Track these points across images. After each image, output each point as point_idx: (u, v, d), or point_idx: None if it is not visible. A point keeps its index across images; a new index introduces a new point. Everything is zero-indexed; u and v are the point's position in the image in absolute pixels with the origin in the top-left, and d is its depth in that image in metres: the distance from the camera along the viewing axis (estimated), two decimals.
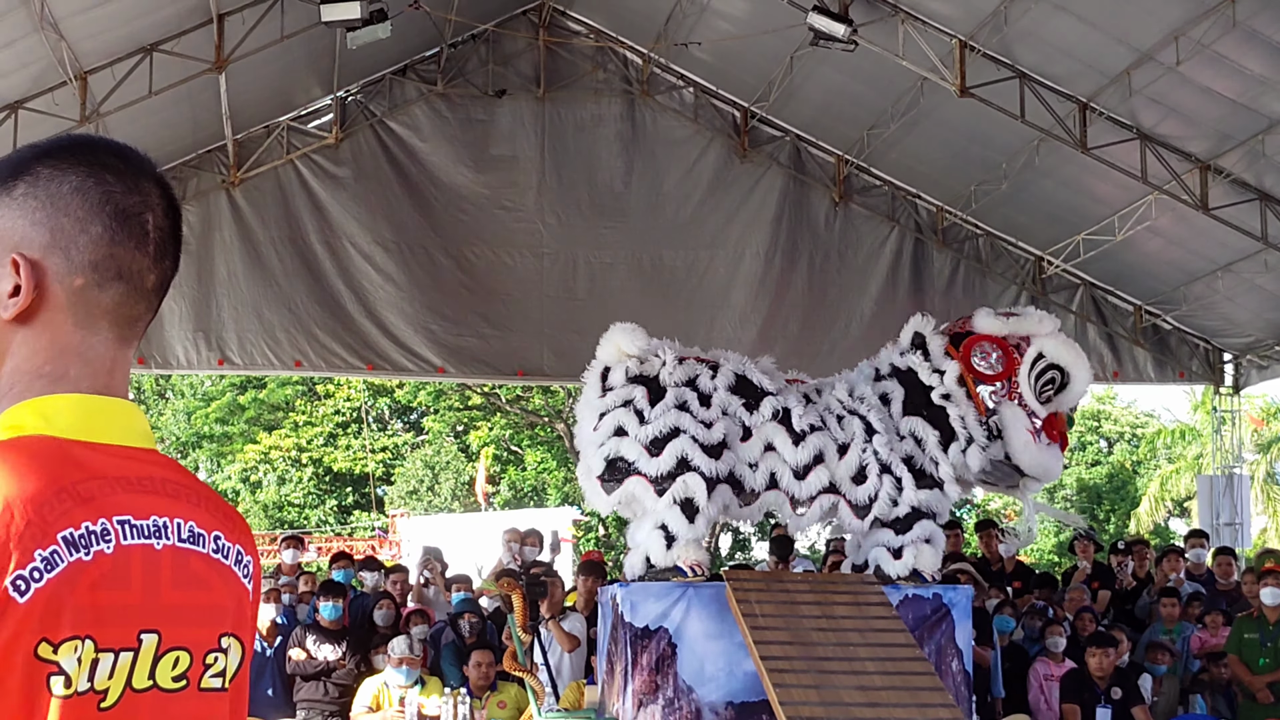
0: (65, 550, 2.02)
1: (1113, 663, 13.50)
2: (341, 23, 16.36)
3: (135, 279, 2.22)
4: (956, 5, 16.72)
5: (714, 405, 10.93)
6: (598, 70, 20.52)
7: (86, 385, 2.17)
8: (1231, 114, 16.51)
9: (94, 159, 2.21)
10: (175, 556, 2.16)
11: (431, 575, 16.57)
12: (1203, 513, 22.63)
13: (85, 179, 2.19)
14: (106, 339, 2.21)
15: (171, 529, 2.16)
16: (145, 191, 2.24)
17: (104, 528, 2.07)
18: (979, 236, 21.13)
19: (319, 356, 19.72)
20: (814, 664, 9.74)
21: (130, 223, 2.21)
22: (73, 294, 2.17)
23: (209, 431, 44.82)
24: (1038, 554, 40.55)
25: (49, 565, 2.00)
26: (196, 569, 2.19)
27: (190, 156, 19.34)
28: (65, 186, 2.18)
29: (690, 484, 10.62)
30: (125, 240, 2.20)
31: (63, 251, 2.17)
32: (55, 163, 2.20)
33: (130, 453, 2.18)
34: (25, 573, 1.98)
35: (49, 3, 14.45)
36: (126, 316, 2.23)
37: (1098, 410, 46.58)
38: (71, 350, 2.18)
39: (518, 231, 20.14)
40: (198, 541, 2.20)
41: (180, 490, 2.21)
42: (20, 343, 2.17)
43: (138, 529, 2.11)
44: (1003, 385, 11.67)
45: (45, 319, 2.17)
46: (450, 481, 43.38)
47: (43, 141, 2.26)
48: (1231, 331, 21.33)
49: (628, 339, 10.98)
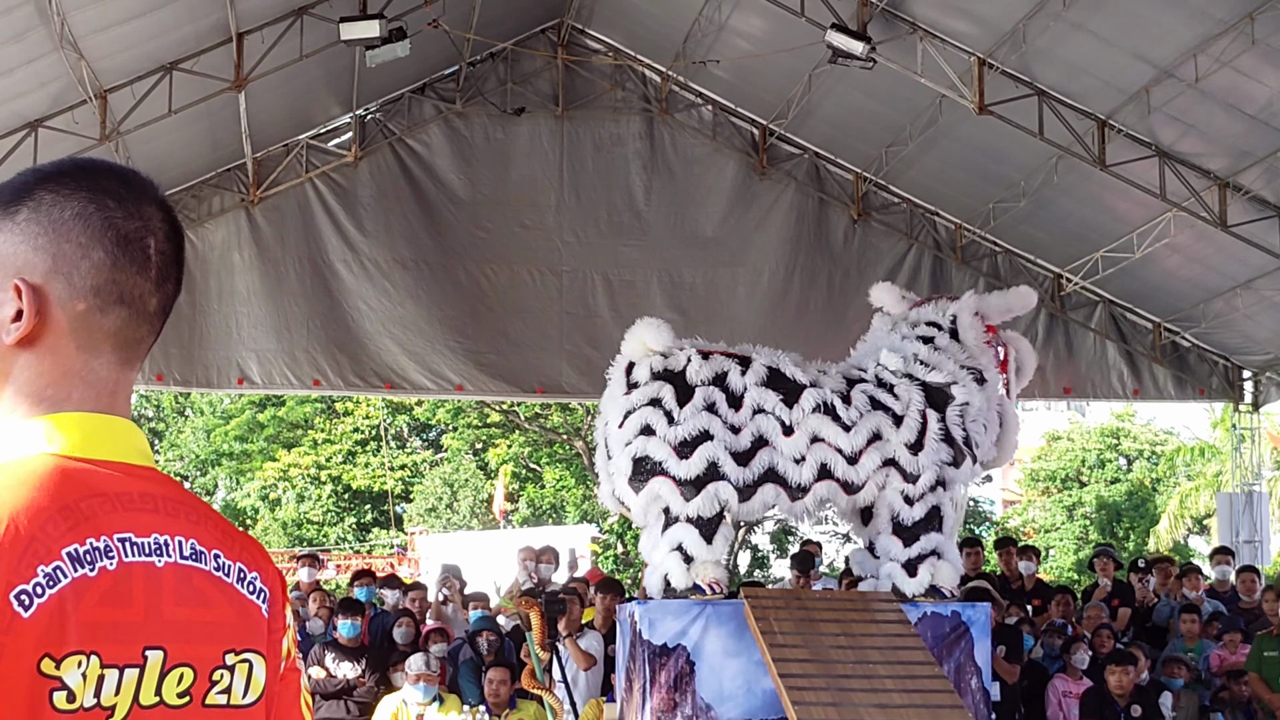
0: (69, 566, 2.03)
1: (1132, 680, 13.46)
2: (361, 41, 16.41)
3: (137, 303, 2.23)
4: (975, 23, 16.72)
5: (745, 405, 10.85)
6: (616, 89, 20.56)
7: (89, 406, 2.19)
8: (1250, 131, 16.48)
9: (95, 184, 2.22)
10: (177, 574, 2.16)
11: (450, 593, 16.56)
12: (1222, 530, 22.58)
13: (87, 205, 2.20)
14: (109, 362, 2.22)
15: (173, 546, 2.17)
16: (147, 216, 2.25)
17: (106, 545, 2.08)
18: (998, 254, 21.11)
19: (338, 375, 19.75)
20: (833, 682, 9.72)
21: (132, 247, 2.22)
22: (75, 319, 2.18)
23: (228, 449, 44.91)
24: (1057, 571, 40.47)
25: (52, 581, 2.01)
26: (199, 586, 2.19)
27: (210, 175, 19.40)
28: (67, 212, 2.19)
29: (721, 493, 10.57)
30: (127, 265, 2.21)
31: (65, 277, 2.18)
32: (57, 188, 2.21)
33: (131, 470, 2.19)
34: (29, 587, 1.98)
35: (69, 21, 14.50)
36: (129, 340, 2.24)
37: (1117, 428, 46.46)
38: (74, 373, 2.19)
39: (537, 249, 20.16)
40: (199, 559, 2.20)
41: (180, 508, 2.22)
42: (22, 366, 2.18)
43: (139, 546, 2.12)
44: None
45: (48, 344, 2.18)
46: (469, 499, 43.39)
47: (44, 165, 2.27)
48: (1251, 349, 21.29)
49: (653, 334, 10.88)
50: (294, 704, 2.39)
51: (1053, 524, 44.92)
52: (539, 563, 16.24)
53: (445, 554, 27.85)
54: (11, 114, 15.93)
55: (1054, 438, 48.11)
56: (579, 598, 14.43)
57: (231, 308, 19.33)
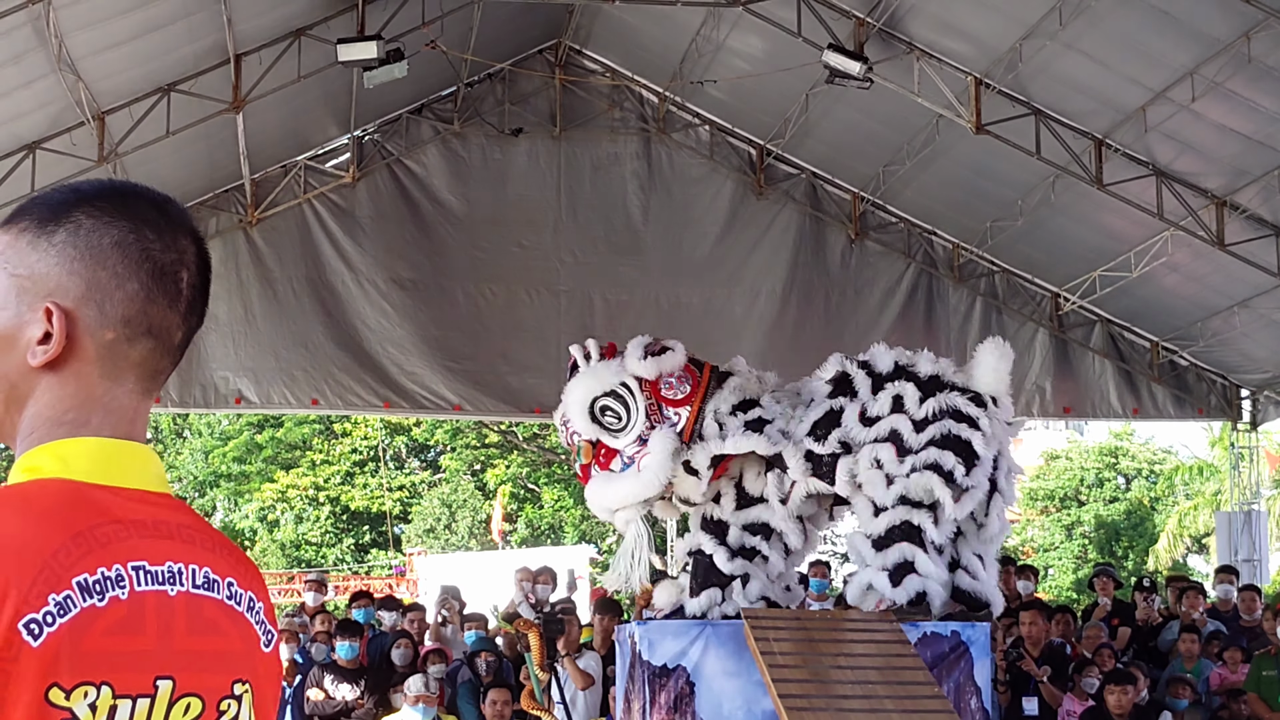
0: (79, 595, 2.01)
1: (1131, 700, 13.42)
2: (358, 63, 16.43)
3: (164, 335, 2.22)
4: (971, 43, 16.75)
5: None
6: (614, 109, 20.58)
7: (108, 432, 2.17)
8: (1247, 150, 16.51)
9: (135, 212, 2.20)
10: (189, 603, 2.15)
11: (449, 614, 16.54)
12: (1221, 549, 22.57)
13: (127, 234, 2.18)
14: (131, 391, 2.20)
15: (186, 575, 2.15)
16: (182, 249, 2.24)
17: (119, 573, 2.06)
18: (995, 273, 21.12)
19: (335, 395, 19.74)
20: (832, 702, 9.70)
21: (165, 280, 2.20)
22: (102, 347, 2.16)
23: (226, 470, 44.88)
24: (1055, 590, 40.44)
25: (62, 610, 1.99)
26: (211, 615, 2.18)
27: (208, 196, 19.40)
28: (106, 240, 2.17)
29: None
30: (160, 298, 2.20)
31: (97, 305, 2.16)
32: (98, 213, 2.18)
33: (146, 497, 2.17)
34: (39, 616, 1.96)
35: (67, 43, 14.52)
36: (152, 370, 2.22)
37: (1115, 447, 46.45)
38: (96, 400, 2.17)
39: (534, 269, 20.16)
40: (212, 588, 2.19)
41: (195, 536, 2.20)
42: (44, 389, 2.16)
43: (152, 575, 2.10)
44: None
45: (73, 369, 2.16)
46: (467, 519, 43.37)
47: (83, 185, 2.24)
48: (1249, 367, 21.29)
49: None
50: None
51: (1051, 543, 44.90)
52: (536, 583, 16.20)
53: (444, 575, 27.81)
54: (10, 135, 15.94)
55: (1052, 457, 48.08)
56: (575, 617, 14.43)
57: (229, 328, 19.32)
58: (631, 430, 10.98)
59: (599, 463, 11.13)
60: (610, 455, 11.09)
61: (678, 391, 11.11)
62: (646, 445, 10.90)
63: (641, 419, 10.97)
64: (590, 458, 11.14)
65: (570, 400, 11.19)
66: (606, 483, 11.12)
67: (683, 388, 11.13)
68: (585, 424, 11.07)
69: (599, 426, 11.05)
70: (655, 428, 10.93)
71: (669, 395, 11.07)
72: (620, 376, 11.07)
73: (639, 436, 10.95)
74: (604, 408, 11.02)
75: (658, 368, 11.16)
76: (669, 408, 11.03)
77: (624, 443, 11.01)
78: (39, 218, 2.19)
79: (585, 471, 11.31)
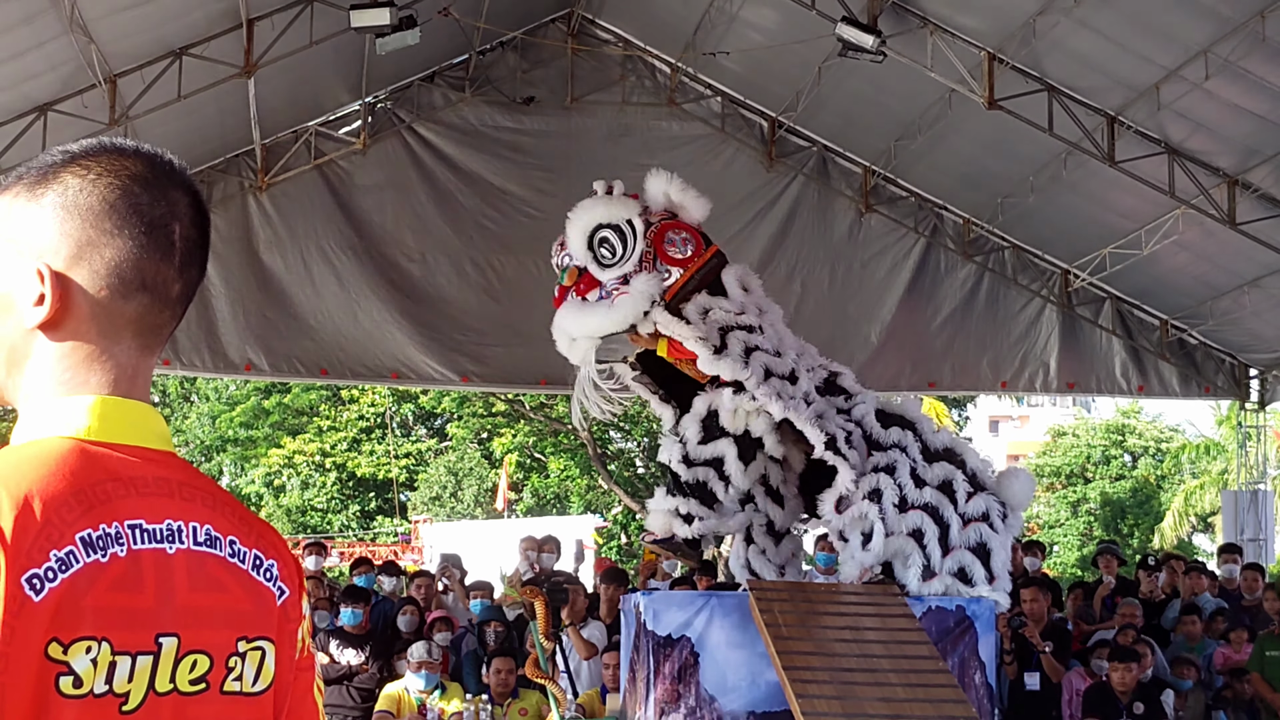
0: (82, 551, 2.03)
1: (1135, 677, 13.43)
2: (371, 29, 16.38)
3: (160, 289, 2.23)
4: (985, 18, 16.71)
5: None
6: (626, 79, 20.51)
7: (108, 390, 2.19)
8: (1260, 129, 16.47)
9: (122, 168, 2.22)
10: (190, 560, 2.16)
11: (450, 582, 16.57)
12: (1227, 528, 22.58)
13: (113, 190, 2.20)
14: (129, 348, 2.22)
15: (186, 533, 2.17)
16: (173, 201, 2.24)
17: (118, 531, 2.08)
18: (1005, 249, 21.08)
19: (343, 364, 19.74)
20: (837, 674, 9.73)
21: (156, 234, 2.21)
22: (96, 305, 2.18)
23: (233, 435, 44.95)
24: (1061, 567, 40.50)
25: (64, 565, 2.01)
26: (213, 572, 2.19)
27: (218, 160, 19.37)
28: (93, 198, 2.19)
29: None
30: (151, 252, 2.21)
31: (88, 263, 2.18)
32: (84, 172, 2.21)
33: (147, 454, 2.19)
34: (41, 571, 1.99)
35: (79, 5, 14.50)
36: (150, 326, 2.24)
37: (1122, 424, 46.49)
38: (94, 358, 2.19)
39: (544, 240, 20.00)
40: (214, 544, 2.20)
41: (195, 494, 2.22)
42: (42, 350, 2.19)
43: (149, 533, 2.12)
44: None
45: (69, 328, 2.18)
46: (473, 488, 43.48)
47: (72, 146, 2.26)
48: (1258, 347, 21.27)
49: None
50: (307, 693, 2.39)
51: (1057, 520, 44.99)
52: (541, 552, 16.24)
53: (449, 543, 27.90)
54: (21, 97, 15.92)
55: (1059, 433, 48.18)
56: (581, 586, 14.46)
57: (239, 294, 19.31)
58: (621, 266, 10.93)
59: (577, 289, 11.10)
60: (590, 286, 11.05)
61: (679, 251, 11.03)
62: (628, 285, 10.86)
63: (635, 259, 10.90)
64: (572, 282, 11.11)
65: (574, 221, 11.18)
66: (577, 310, 11.07)
67: (685, 249, 11.06)
68: (581, 248, 11.06)
69: (592, 255, 11.02)
70: (643, 272, 10.89)
71: (669, 251, 11.01)
72: (630, 214, 11.03)
73: (625, 275, 10.91)
74: (603, 239, 10.99)
75: (680, 198, 11.20)
76: (664, 263, 10.96)
77: (609, 276, 10.97)
78: (28, 181, 2.22)
79: (562, 293, 11.24)
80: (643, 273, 10.86)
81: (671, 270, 10.96)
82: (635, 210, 11.05)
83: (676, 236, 11.08)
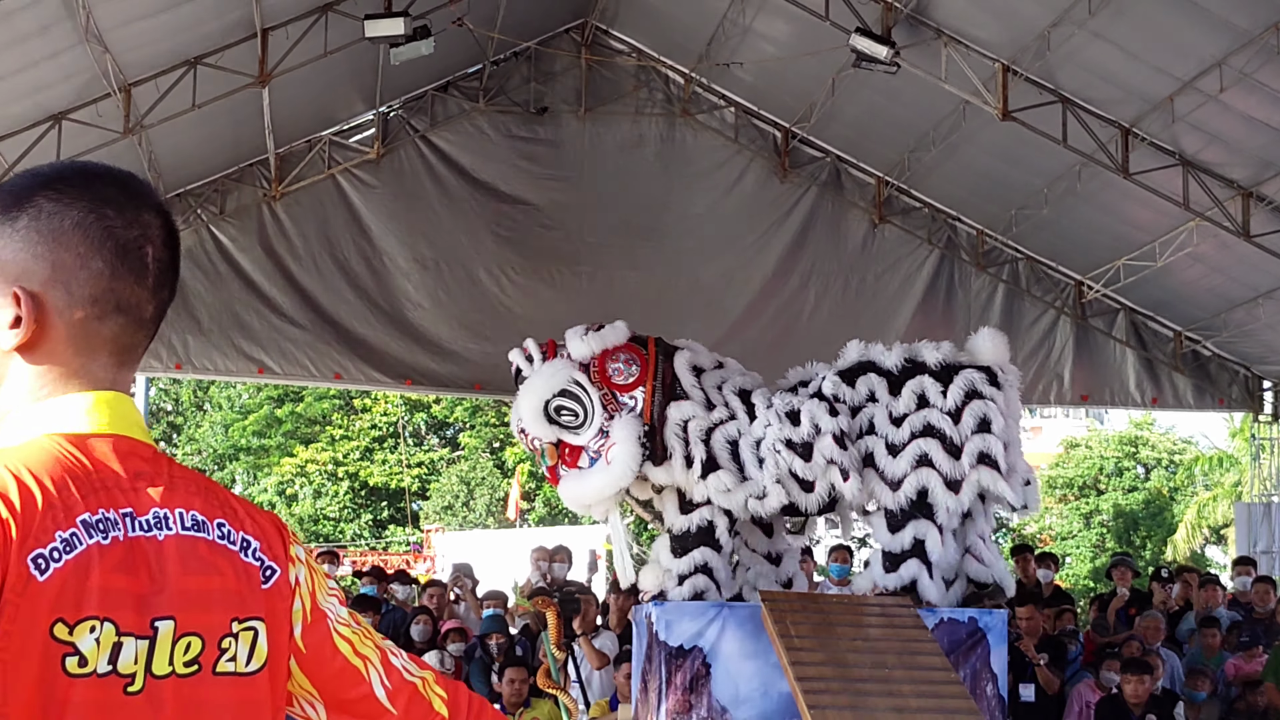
0: (84, 533, 2.08)
1: (1148, 689, 13.39)
2: (385, 39, 16.41)
3: (134, 311, 2.27)
4: (999, 29, 16.70)
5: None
6: (639, 89, 20.52)
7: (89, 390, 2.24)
8: (1273, 142, 16.45)
9: (95, 192, 2.25)
10: (181, 544, 2.21)
11: (461, 592, 16.56)
12: (1240, 540, 22.53)
13: (86, 214, 2.23)
14: (105, 364, 2.26)
15: (173, 519, 2.21)
16: (145, 224, 2.28)
17: (114, 517, 2.13)
18: (1019, 260, 21.07)
19: (358, 370, 19.76)
20: (849, 685, 9.71)
21: (130, 256, 2.25)
22: (73, 326, 2.22)
23: (246, 444, 44.99)
24: (1073, 579, 40.42)
25: (69, 546, 2.06)
26: (204, 555, 2.24)
27: (232, 170, 19.42)
28: (67, 222, 2.22)
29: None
30: (125, 274, 2.25)
31: (64, 286, 2.21)
32: (58, 196, 2.24)
33: (134, 446, 2.24)
34: (46, 551, 2.04)
35: (94, 15, 14.53)
36: (125, 345, 2.28)
37: (1135, 436, 46.40)
38: (71, 375, 2.23)
39: (556, 249, 20.13)
40: (202, 528, 2.25)
41: (177, 481, 2.26)
42: (19, 371, 2.23)
43: (140, 523, 2.17)
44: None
45: (46, 349, 2.22)
46: (485, 497, 43.46)
47: (44, 168, 2.30)
48: (1271, 359, 21.24)
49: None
50: (325, 643, 2.45)
51: (1069, 531, 44.89)
52: (552, 562, 16.22)
53: (461, 552, 27.87)
54: (36, 106, 15.95)
55: (1072, 445, 48.06)
56: (593, 596, 14.45)
57: (252, 302, 19.35)
58: (591, 425, 10.86)
59: (565, 462, 10.99)
60: (576, 453, 10.95)
61: (628, 376, 11.01)
62: (610, 436, 10.81)
63: (599, 411, 10.83)
64: (556, 459, 10.99)
65: (523, 407, 11.04)
66: (579, 480, 10.98)
67: (631, 370, 11.04)
68: (543, 428, 10.93)
69: (558, 427, 10.91)
70: (614, 416, 10.82)
71: (620, 381, 10.97)
72: (568, 373, 10.95)
73: (600, 429, 10.84)
74: (559, 408, 10.88)
75: (601, 342, 11.09)
76: (623, 394, 10.93)
77: (586, 438, 10.88)
78: (2, 205, 2.25)
79: (553, 473, 11.16)
80: (614, 417, 10.83)
81: (635, 395, 10.96)
82: (570, 369, 11.00)
83: (618, 364, 11.06)
